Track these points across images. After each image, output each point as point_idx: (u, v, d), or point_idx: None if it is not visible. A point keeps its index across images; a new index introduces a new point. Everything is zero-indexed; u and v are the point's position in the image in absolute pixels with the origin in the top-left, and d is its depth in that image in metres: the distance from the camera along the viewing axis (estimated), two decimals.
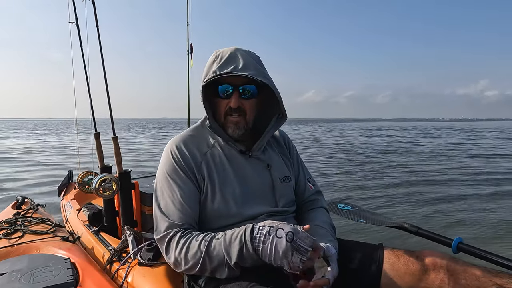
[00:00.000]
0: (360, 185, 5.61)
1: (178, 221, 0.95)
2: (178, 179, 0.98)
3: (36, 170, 7.33)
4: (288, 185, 1.11)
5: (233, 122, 1.01)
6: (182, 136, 1.07)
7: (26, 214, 2.08)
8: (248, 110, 1.01)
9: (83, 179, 1.79)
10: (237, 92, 0.98)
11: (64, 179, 3.14)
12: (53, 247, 1.54)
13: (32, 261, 1.30)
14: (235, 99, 0.98)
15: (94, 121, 1.84)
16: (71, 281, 1.16)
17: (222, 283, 0.93)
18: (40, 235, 1.69)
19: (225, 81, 0.98)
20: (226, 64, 0.96)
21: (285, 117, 1.09)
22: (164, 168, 1.02)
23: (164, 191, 0.99)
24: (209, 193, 0.99)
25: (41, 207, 2.32)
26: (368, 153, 11.70)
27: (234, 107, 0.98)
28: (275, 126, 1.10)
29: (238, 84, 0.98)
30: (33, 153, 11.01)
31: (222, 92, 0.99)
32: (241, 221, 1.00)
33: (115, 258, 1.44)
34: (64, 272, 1.21)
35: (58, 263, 1.28)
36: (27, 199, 2.42)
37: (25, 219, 1.94)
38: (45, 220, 1.95)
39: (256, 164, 1.07)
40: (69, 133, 6.57)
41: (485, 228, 3.57)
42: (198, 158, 1.02)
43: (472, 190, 5.37)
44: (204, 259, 0.87)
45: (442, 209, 4.26)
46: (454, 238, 1.13)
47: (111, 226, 1.81)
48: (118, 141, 1.71)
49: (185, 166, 0.99)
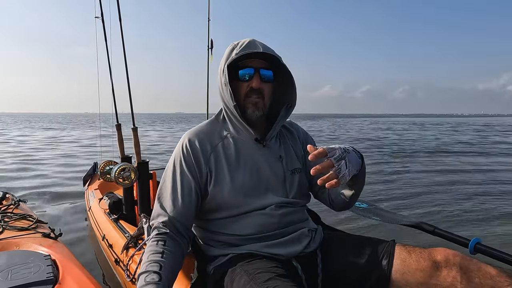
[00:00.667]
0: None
1: (167, 212, 0.99)
2: (182, 175, 1.03)
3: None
4: (298, 176, 1.11)
5: (253, 103, 1.04)
6: (196, 129, 1.11)
7: (6, 209, 2.00)
8: (266, 93, 1.05)
9: (104, 168, 1.86)
10: (258, 73, 1.03)
11: (89, 169, 3.29)
12: (33, 244, 1.50)
13: (10, 258, 1.25)
14: (256, 80, 1.02)
15: (117, 113, 1.91)
16: (50, 278, 1.13)
17: (230, 270, 0.95)
18: (21, 231, 1.63)
19: (246, 65, 1.03)
20: (247, 48, 1.01)
21: (294, 106, 1.12)
22: (173, 160, 1.07)
23: (167, 181, 1.04)
24: (219, 183, 1.02)
25: (23, 202, 2.27)
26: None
27: (256, 88, 1.02)
28: (285, 115, 1.12)
29: (259, 67, 1.03)
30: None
31: (243, 75, 1.03)
32: (251, 210, 1.01)
33: (131, 244, 1.49)
34: (44, 269, 1.18)
35: (37, 260, 1.25)
36: (8, 194, 2.34)
37: (5, 215, 1.86)
38: (26, 216, 1.88)
39: (269, 155, 1.08)
40: (107, 126, 6.68)
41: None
42: (208, 151, 1.05)
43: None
44: (139, 274, 0.89)
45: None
46: (472, 239, 1.10)
47: (130, 215, 1.88)
48: (137, 132, 1.76)
49: (193, 161, 1.03)
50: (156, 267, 0.86)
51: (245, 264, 0.94)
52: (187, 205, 1.00)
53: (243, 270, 0.91)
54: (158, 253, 0.91)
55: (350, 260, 1.00)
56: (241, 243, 1.01)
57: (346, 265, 1.00)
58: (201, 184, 1.03)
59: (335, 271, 1.02)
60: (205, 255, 1.07)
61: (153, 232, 0.97)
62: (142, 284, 0.82)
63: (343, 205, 1.10)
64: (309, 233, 1.07)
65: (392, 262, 0.94)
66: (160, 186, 1.06)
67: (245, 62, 1.02)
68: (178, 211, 0.99)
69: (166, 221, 0.98)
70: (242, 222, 1.02)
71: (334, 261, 1.03)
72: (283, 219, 1.03)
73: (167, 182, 1.04)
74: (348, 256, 1.01)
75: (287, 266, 0.97)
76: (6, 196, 2.29)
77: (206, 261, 1.06)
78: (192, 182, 1.01)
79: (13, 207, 2.07)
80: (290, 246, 1.01)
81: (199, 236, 1.12)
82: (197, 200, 1.02)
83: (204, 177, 1.02)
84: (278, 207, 1.03)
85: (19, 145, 10.86)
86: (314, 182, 1.19)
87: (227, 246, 1.03)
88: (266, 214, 1.01)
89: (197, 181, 1.02)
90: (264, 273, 0.87)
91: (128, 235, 1.57)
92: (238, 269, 0.93)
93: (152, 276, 0.83)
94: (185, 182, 1.02)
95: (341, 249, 1.05)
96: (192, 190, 1.01)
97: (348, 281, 0.98)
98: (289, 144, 1.15)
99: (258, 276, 0.86)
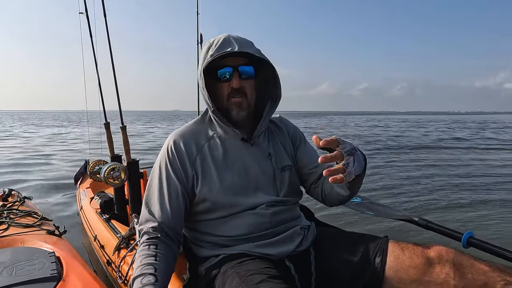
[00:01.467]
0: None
1: (155, 218, 0.97)
2: (169, 179, 1.00)
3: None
4: (289, 173, 1.09)
5: (236, 104, 1.00)
6: (181, 130, 1.08)
7: (12, 206, 2.03)
8: (248, 91, 1.02)
9: (94, 167, 1.83)
10: (237, 72, 0.99)
11: (80, 168, 3.24)
12: (38, 241, 1.51)
13: (15, 254, 1.26)
14: (236, 79, 0.98)
15: (105, 111, 1.87)
16: (54, 275, 1.13)
17: (221, 271, 0.94)
18: (25, 228, 1.65)
19: (224, 65, 0.98)
20: (222, 47, 0.97)
21: (279, 99, 1.09)
22: (159, 163, 1.04)
23: (154, 185, 1.02)
24: (206, 184, 1.00)
25: (28, 199, 2.28)
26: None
27: (236, 87, 0.98)
28: (271, 109, 1.09)
29: (237, 65, 0.99)
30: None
31: (222, 75, 0.99)
32: (241, 211, 0.99)
33: (123, 245, 1.46)
34: (48, 266, 1.18)
35: (42, 256, 1.26)
36: (14, 191, 2.37)
37: (11, 212, 1.88)
38: (31, 213, 1.90)
39: (257, 154, 1.06)
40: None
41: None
42: (193, 153, 1.03)
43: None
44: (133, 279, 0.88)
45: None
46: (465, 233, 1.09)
47: (121, 214, 1.85)
48: (126, 131, 1.73)
49: (179, 164, 1.01)
50: (151, 270, 0.85)
51: (236, 265, 0.93)
52: (175, 209, 0.98)
53: (235, 272, 0.89)
54: (151, 256, 0.90)
55: (344, 258, 0.99)
56: (232, 244, 1.00)
57: (340, 263, 0.99)
58: (188, 187, 1.01)
59: (329, 269, 1.01)
60: (196, 256, 1.06)
61: (144, 237, 0.96)
62: (138, 286, 0.81)
63: (336, 202, 1.08)
64: (301, 231, 1.06)
65: (386, 259, 0.93)
66: (147, 189, 1.04)
67: (223, 61, 0.98)
68: (166, 216, 0.97)
69: (156, 226, 0.96)
70: (233, 222, 1.00)
71: (327, 259, 1.02)
72: (274, 218, 1.01)
73: (153, 187, 1.02)
74: (341, 254, 1.01)
75: (280, 266, 0.95)
76: (12, 193, 2.32)
77: (197, 262, 1.05)
78: (179, 186, 0.99)
79: (18, 204, 2.09)
80: (282, 245, 1.00)
81: (190, 237, 1.10)
82: (185, 203, 1.01)
83: (190, 180, 1.00)
84: (269, 206, 1.01)
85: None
86: (306, 178, 1.17)
87: (219, 247, 1.01)
88: (257, 213, 1.00)
89: (183, 185, 1.00)
90: (256, 274, 0.85)
91: (119, 236, 1.55)
92: (229, 270, 0.92)
93: (148, 278, 0.83)
94: (171, 186, 1.00)
95: (334, 246, 1.04)
96: (179, 194, 0.99)
97: (341, 279, 0.98)
98: (278, 140, 1.13)
99: (250, 278, 0.85)
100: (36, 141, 11.36)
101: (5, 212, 1.86)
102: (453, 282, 0.82)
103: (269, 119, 1.17)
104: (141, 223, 1.00)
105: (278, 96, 1.09)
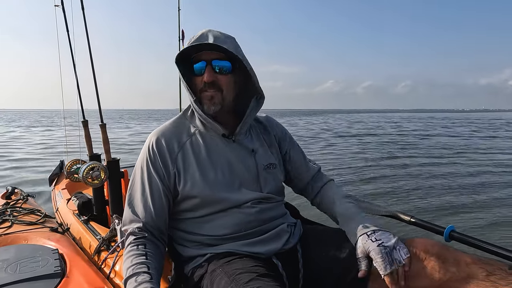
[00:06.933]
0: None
1: (139, 218, 0.96)
2: (150, 178, 0.99)
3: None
4: (273, 172, 1.09)
5: (207, 97, 0.99)
6: (163, 128, 1.07)
7: (15, 204, 2.06)
8: (224, 86, 1.00)
9: (71, 167, 1.75)
10: (210, 66, 0.98)
11: (55, 168, 3.10)
12: (41, 238, 1.52)
13: (19, 252, 1.28)
14: (208, 73, 0.97)
15: (82, 108, 1.80)
16: (58, 271, 1.14)
17: (209, 270, 0.92)
18: (29, 226, 1.67)
19: (199, 59, 0.98)
20: (198, 41, 0.96)
21: (263, 98, 1.08)
22: (141, 162, 1.02)
23: (136, 184, 1.01)
24: (188, 182, 0.98)
25: (31, 197, 2.30)
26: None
27: (207, 81, 0.97)
28: (255, 108, 1.08)
29: (210, 58, 0.98)
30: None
31: (197, 69, 0.99)
32: (226, 208, 0.98)
33: (103, 247, 1.41)
34: (52, 263, 1.19)
35: (45, 253, 1.27)
36: (17, 189, 2.39)
37: (14, 209, 1.91)
38: (35, 211, 1.93)
39: (240, 150, 1.05)
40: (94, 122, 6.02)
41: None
42: (175, 150, 1.01)
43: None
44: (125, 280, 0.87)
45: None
46: (447, 227, 1.12)
47: (101, 216, 1.78)
48: (106, 129, 1.67)
49: (160, 162, 0.99)
50: (144, 268, 0.85)
51: (224, 264, 0.91)
52: (159, 209, 0.97)
53: (223, 271, 0.88)
54: (142, 256, 0.89)
55: (331, 254, 0.99)
56: (219, 243, 0.98)
57: (327, 259, 0.99)
58: (170, 186, 0.99)
59: (316, 266, 1.00)
60: (182, 256, 1.03)
61: (130, 238, 0.94)
62: (134, 285, 0.80)
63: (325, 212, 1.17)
64: (288, 229, 1.05)
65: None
66: (129, 189, 1.02)
67: (199, 55, 0.98)
68: (150, 215, 0.96)
69: (141, 226, 0.94)
70: (219, 221, 0.98)
71: (315, 256, 1.02)
72: (261, 216, 1.00)
73: (136, 186, 1.00)
74: (328, 250, 1.01)
75: (268, 264, 0.95)
76: (15, 191, 2.33)
77: (183, 262, 1.02)
78: (161, 185, 0.98)
79: (21, 202, 2.11)
80: (269, 243, 0.99)
81: (175, 236, 1.07)
82: (168, 202, 0.99)
83: (172, 178, 0.99)
84: (254, 203, 1.00)
85: None
86: (292, 178, 1.20)
87: (205, 246, 0.99)
88: (243, 212, 0.99)
89: (165, 184, 0.98)
90: (245, 273, 0.84)
91: (99, 238, 1.50)
92: (217, 270, 0.90)
93: (143, 276, 0.82)
94: (153, 185, 0.98)
95: (321, 243, 1.04)
96: (161, 193, 0.98)
97: (329, 276, 0.98)
98: (262, 138, 1.13)
99: (238, 277, 0.83)
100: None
101: (8, 210, 1.89)
102: (438, 275, 0.84)
103: (255, 118, 1.16)
104: (125, 224, 0.97)
105: (261, 93, 1.08)
